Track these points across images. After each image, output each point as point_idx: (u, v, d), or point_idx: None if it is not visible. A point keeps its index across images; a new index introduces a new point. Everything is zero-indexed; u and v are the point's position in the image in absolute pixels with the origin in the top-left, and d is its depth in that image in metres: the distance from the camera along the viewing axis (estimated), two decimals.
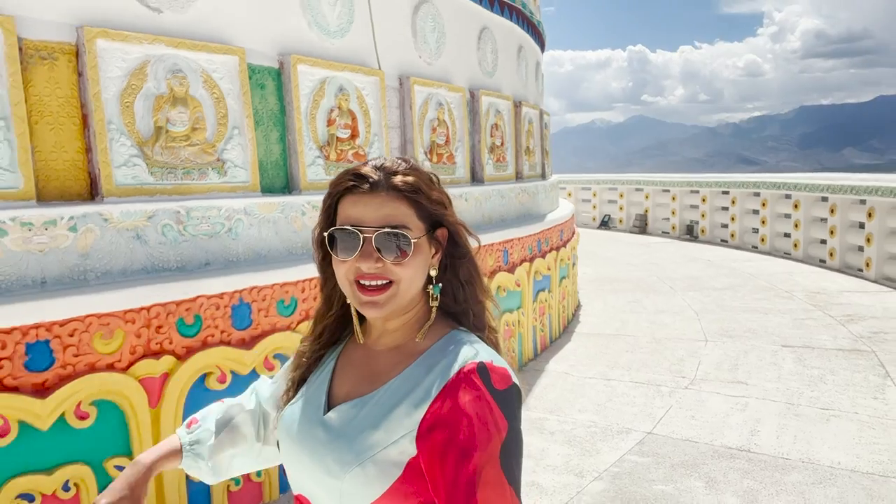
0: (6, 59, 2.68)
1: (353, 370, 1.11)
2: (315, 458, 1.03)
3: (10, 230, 2.60)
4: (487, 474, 0.90)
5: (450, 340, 1.05)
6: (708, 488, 3.34)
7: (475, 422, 0.93)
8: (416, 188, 1.03)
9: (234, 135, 3.44)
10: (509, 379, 0.99)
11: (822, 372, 5.18)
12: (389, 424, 0.98)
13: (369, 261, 1.00)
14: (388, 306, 1.02)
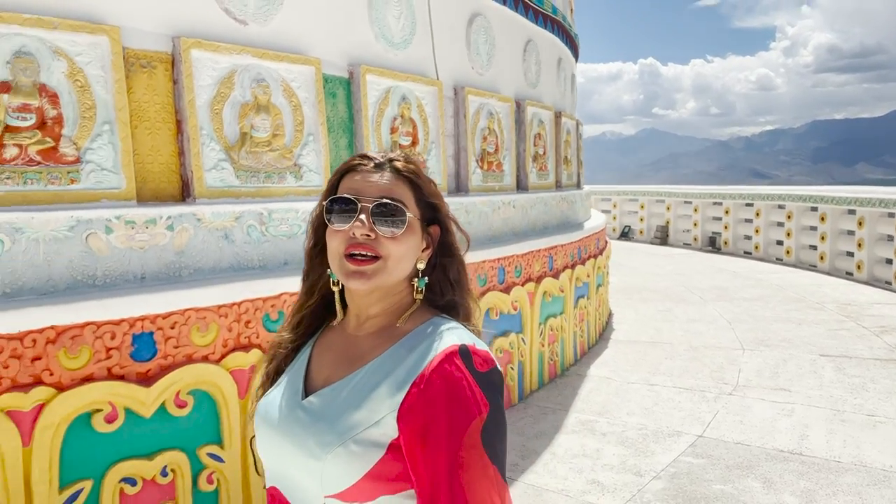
0: (112, 67, 2.85)
1: (332, 356, 1.11)
2: (295, 441, 1.02)
3: (115, 228, 2.76)
4: (469, 455, 0.91)
5: (431, 324, 1.06)
6: (766, 488, 3.43)
7: (456, 402, 0.93)
8: (416, 174, 1.09)
9: (310, 141, 3.60)
10: (491, 362, 1.00)
11: (863, 380, 5.24)
12: (371, 404, 0.98)
13: (363, 228, 1.02)
14: (374, 279, 1.03)
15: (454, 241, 1.13)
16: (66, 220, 2.63)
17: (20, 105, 2.60)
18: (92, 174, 2.79)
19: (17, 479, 2.36)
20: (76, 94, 2.76)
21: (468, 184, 4.76)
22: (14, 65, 2.60)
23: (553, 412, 4.62)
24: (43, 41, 2.67)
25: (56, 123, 2.70)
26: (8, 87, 2.58)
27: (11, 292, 2.50)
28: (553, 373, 5.40)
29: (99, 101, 2.82)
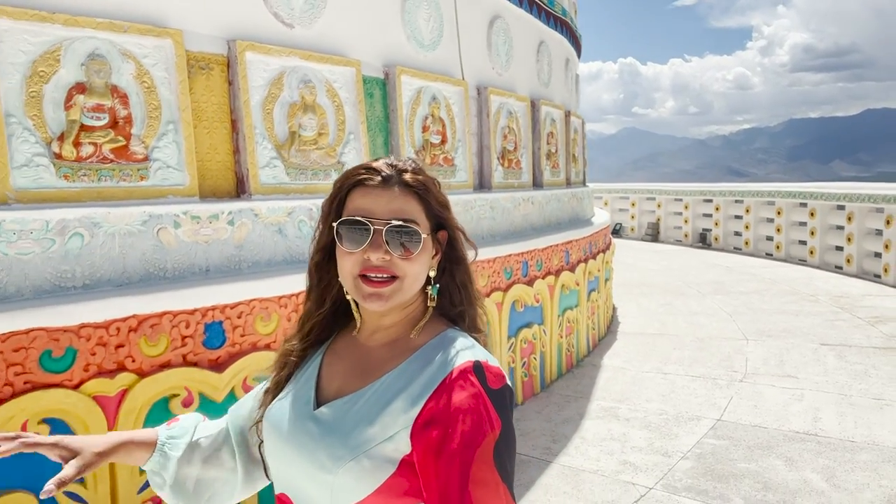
0: (176, 69, 2.98)
1: (343, 366, 1.10)
2: (305, 453, 1.01)
3: (182, 223, 2.89)
4: (481, 472, 0.90)
5: (445, 338, 1.05)
6: (788, 466, 3.64)
7: (470, 419, 0.93)
8: (425, 186, 1.06)
9: (350, 139, 3.74)
10: (503, 378, 1.00)
11: (865, 367, 5.49)
12: (385, 420, 0.98)
13: (378, 252, 1.00)
14: (392, 300, 1.02)
15: (462, 247, 1.12)
16: (139, 215, 2.76)
17: (94, 105, 2.72)
18: (159, 171, 2.92)
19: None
20: (143, 94, 2.88)
21: (491, 181, 4.93)
22: (88, 67, 2.71)
23: (575, 400, 4.80)
24: (113, 44, 2.79)
25: (126, 123, 2.82)
26: (83, 88, 2.70)
27: (91, 283, 2.62)
28: (570, 363, 5.58)
29: (164, 102, 2.94)
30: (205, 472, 1.24)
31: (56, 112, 2.64)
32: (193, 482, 1.22)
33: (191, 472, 1.22)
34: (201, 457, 1.23)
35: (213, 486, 1.25)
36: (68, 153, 2.65)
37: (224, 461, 1.25)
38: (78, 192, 2.68)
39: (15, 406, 2.28)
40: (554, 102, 6.24)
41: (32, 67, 2.59)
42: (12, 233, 2.42)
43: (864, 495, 3.29)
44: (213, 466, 1.24)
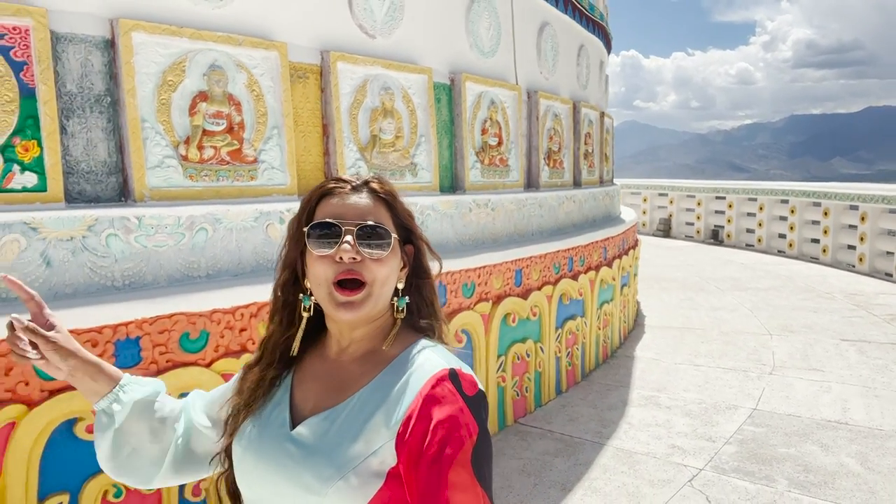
0: (281, 78, 3.25)
1: (316, 384, 1.09)
2: (289, 475, 1.00)
3: (286, 219, 3.17)
4: (460, 478, 0.92)
5: (417, 347, 1.06)
6: (824, 451, 3.93)
7: (448, 426, 0.94)
8: (392, 195, 1.10)
9: (422, 142, 4.01)
10: (476, 385, 1.01)
11: (886, 362, 5.78)
12: (368, 435, 0.98)
13: (349, 252, 1.01)
14: (363, 307, 1.02)
15: (426, 261, 1.14)
16: (252, 212, 3.04)
17: (215, 112, 3.00)
18: (265, 172, 3.20)
19: None
20: (253, 102, 3.15)
21: (539, 180, 5.20)
22: (209, 76, 2.99)
23: (616, 389, 5.10)
24: (230, 56, 3.06)
25: (240, 128, 3.10)
26: (205, 96, 2.98)
27: (213, 273, 2.91)
28: (605, 354, 5.88)
29: (269, 109, 3.22)
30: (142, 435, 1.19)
31: (182, 118, 2.92)
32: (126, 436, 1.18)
33: (131, 428, 1.18)
34: (148, 419, 1.19)
35: (140, 451, 1.20)
36: (193, 155, 2.93)
37: (162, 437, 1.21)
38: (200, 190, 2.96)
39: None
40: (590, 104, 6.51)
41: (162, 77, 2.86)
42: (151, 227, 2.71)
43: None
44: (152, 435, 1.20)
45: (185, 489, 2.68)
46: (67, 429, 2.38)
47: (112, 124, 2.76)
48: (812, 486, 3.50)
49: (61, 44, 2.60)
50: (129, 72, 2.73)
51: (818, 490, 3.47)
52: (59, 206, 2.53)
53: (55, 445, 2.34)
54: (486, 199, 4.41)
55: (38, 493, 2.30)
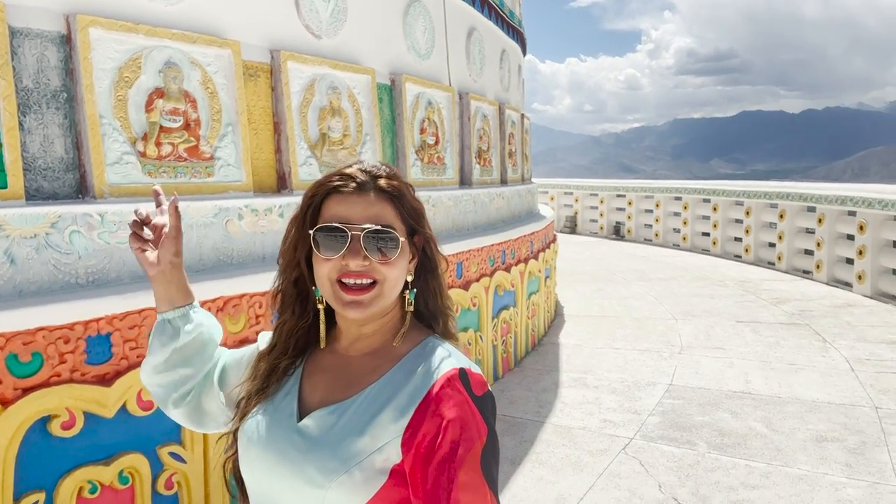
0: (234, 77, 3.29)
1: (325, 377, 1.09)
2: (293, 467, 1.00)
3: (244, 215, 3.22)
4: (468, 478, 0.91)
5: (427, 346, 1.06)
6: (734, 417, 4.42)
7: (458, 427, 0.93)
8: (400, 192, 1.06)
9: (367, 140, 4.14)
10: (486, 385, 1.01)
11: (776, 339, 6.48)
12: (374, 431, 0.98)
13: (357, 259, 0.99)
14: (371, 307, 1.02)
15: (435, 254, 1.12)
16: (211, 208, 3.07)
17: (171, 109, 3.01)
18: (222, 169, 3.23)
19: None
20: (208, 99, 3.18)
21: (471, 178, 5.45)
22: (166, 73, 2.99)
23: (547, 373, 5.43)
24: (184, 53, 3.08)
25: (196, 125, 3.12)
26: (162, 93, 2.98)
27: None
28: (534, 342, 6.22)
29: (224, 106, 3.25)
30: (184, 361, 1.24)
31: (138, 114, 2.91)
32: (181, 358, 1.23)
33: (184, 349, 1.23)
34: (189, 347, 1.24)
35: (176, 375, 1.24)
36: (151, 152, 2.93)
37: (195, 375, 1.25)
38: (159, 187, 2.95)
39: (132, 377, 2.57)
40: (513, 105, 6.84)
41: (119, 73, 2.84)
42: (113, 224, 2.70)
43: (797, 436, 4.10)
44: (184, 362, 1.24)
45: (157, 483, 2.69)
46: (42, 427, 2.35)
47: (69, 120, 2.72)
48: (727, 448, 3.95)
49: (17, 39, 2.54)
50: (87, 68, 2.70)
51: (733, 450, 3.91)
52: (20, 204, 2.48)
53: (30, 444, 2.31)
54: (427, 195, 4.59)
55: (13, 492, 2.26)
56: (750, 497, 3.36)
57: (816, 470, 3.64)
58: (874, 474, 3.58)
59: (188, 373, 1.24)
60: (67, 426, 2.40)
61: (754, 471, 3.64)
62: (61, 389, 2.37)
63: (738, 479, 3.55)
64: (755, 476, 3.58)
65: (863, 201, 9.00)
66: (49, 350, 2.34)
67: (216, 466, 2.89)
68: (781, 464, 3.72)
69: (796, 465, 3.70)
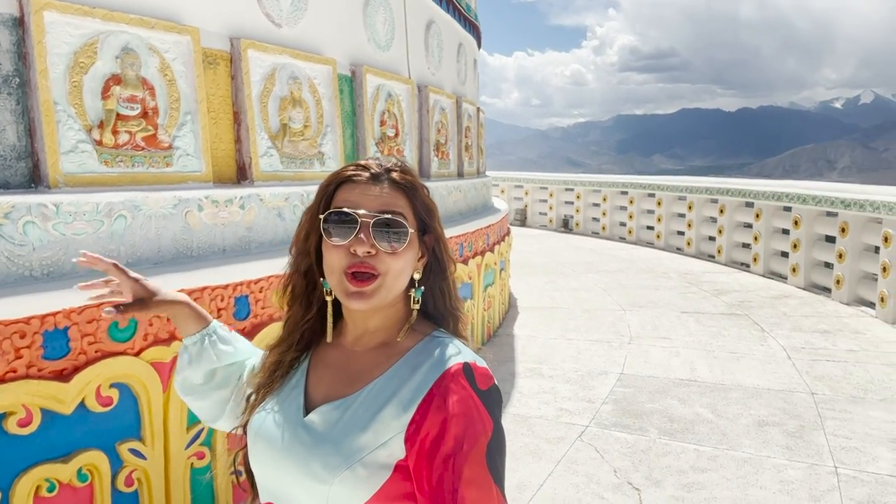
0: (194, 63, 3.21)
1: (330, 371, 1.09)
2: (299, 462, 1.00)
3: (205, 206, 3.16)
4: (474, 474, 0.91)
5: (432, 340, 1.05)
6: (682, 404, 4.61)
7: (463, 422, 0.93)
8: (413, 186, 1.06)
9: (328, 132, 4.11)
10: (491, 379, 1.01)
11: (718, 329, 6.77)
12: (378, 426, 0.97)
13: (364, 246, 0.99)
14: (374, 298, 1.01)
15: (445, 254, 1.11)
16: (171, 199, 3.00)
17: (129, 96, 2.92)
18: (181, 159, 3.16)
19: (158, 420, 2.75)
20: (166, 86, 3.10)
21: (430, 171, 5.47)
22: (123, 59, 2.90)
23: (503, 363, 5.53)
24: (142, 39, 2.99)
25: (154, 113, 3.04)
26: (119, 79, 2.89)
27: (133, 262, 2.85)
28: (489, 334, 6.31)
29: (182, 94, 3.18)
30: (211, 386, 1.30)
31: (94, 101, 2.81)
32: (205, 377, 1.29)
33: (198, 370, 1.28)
34: (220, 376, 1.29)
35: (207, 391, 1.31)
36: (108, 140, 2.84)
37: (226, 387, 1.30)
38: (115, 177, 2.87)
39: (90, 373, 2.50)
40: (469, 99, 6.89)
41: (74, 58, 2.74)
42: (69, 214, 2.61)
43: (741, 421, 4.31)
44: (220, 385, 1.30)
45: (117, 480, 2.63)
46: None
47: (21, 106, 2.61)
48: (677, 433, 4.12)
49: None
50: (41, 52, 2.60)
51: (682, 435, 4.08)
52: None
53: None
54: None
55: None
56: (699, 480, 3.52)
57: (760, 453, 3.84)
58: (812, 456, 3.80)
59: (224, 393, 1.31)
60: (24, 423, 2.32)
61: (702, 455, 3.82)
62: (17, 385, 2.29)
63: (687, 462, 3.72)
64: (703, 460, 3.75)
65: (798, 197, 9.45)
66: (4, 345, 2.26)
67: (177, 462, 2.85)
68: (727, 448, 3.91)
69: (741, 449, 3.90)
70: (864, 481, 3.51)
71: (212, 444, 2.99)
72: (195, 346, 1.29)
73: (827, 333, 6.61)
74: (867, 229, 7.96)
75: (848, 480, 3.52)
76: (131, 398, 2.68)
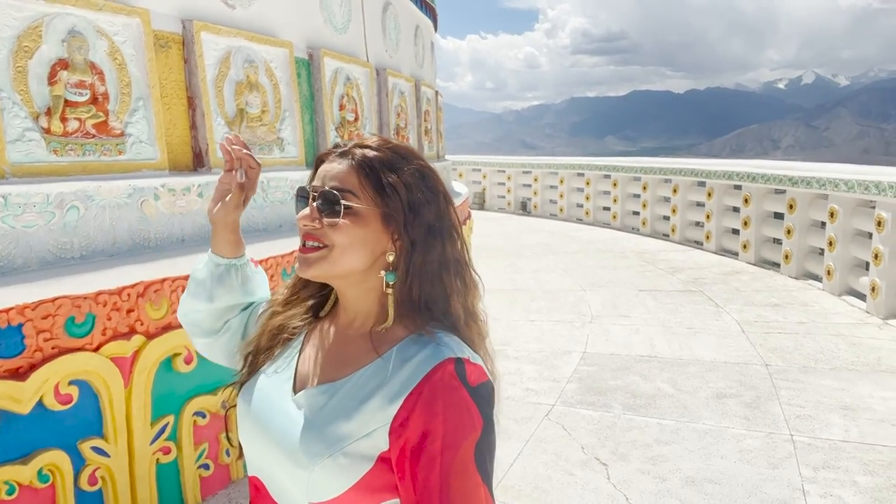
0: (144, 47, 3.10)
1: (321, 351, 1.08)
2: (282, 444, 1.00)
3: (161, 196, 3.06)
4: (461, 471, 0.89)
5: (424, 332, 1.01)
6: (644, 380, 4.72)
7: (452, 419, 0.91)
8: (371, 164, 1.01)
9: (286, 116, 4.03)
10: (484, 375, 0.99)
11: (675, 306, 6.94)
12: (362, 416, 0.96)
13: (306, 218, 1.01)
14: (316, 267, 1.01)
15: (439, 240, 1.04)
16: (125, 188, 2.90)
17: (77, 81, 2.80)
18: (134, 146, 3.05)
19: (120, 416, 2.68)
20: (116, 71, 2.98)
21: None
22: (70, 43, 2.78)
23: None
24: (89, 21, 2.86)
25: (104, 99, 2.92)
26: (66, 64, 2.77)
27: (87, 254, 2.75)
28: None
29: (133, 79, 3.06)
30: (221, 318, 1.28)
31: (40, 87, 2.69)
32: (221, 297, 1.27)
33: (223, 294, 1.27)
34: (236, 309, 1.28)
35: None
36: (56, 128, 2.72)
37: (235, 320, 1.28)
38: (65, 166, 2.76)
39: (48, 370, 2.41)
40: (427, 82, 6.84)
41: (17, 42, 2.62)
42: (17, 206, 2.50)
43: (700, 394, 4.44)
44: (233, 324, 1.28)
45: (80, 479, 2.55)
46: None
47: None
48: (640, 408, 4.22)
49: None
50: None
51: (645, 410, 4.19)
52: None
53: None
54: None
55: None
56: (663, 452, 3.62)
57: (719, 424, 3.97)
58: (769, 425, 3.95)
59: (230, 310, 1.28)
60: None
61: (665, 428, 3.92)
62: None
63: (651, 436, 3.82)
64: (666, 433, 3.86)
65: (747, 175, 9.72)
66: None
67: (142, 458, 2.78)
68: (688, 420, 4.03)
69: (701, 421, 4.02)
70: (818, 447, 3.67)
71: (177, 439, 2.93)
72: (218, 269, 1.28)
73: (777, 307, 6.85)
74: (814, 205, 8.24)
75: (803, 447, 3.67)
76: (92, 395, 2.60)
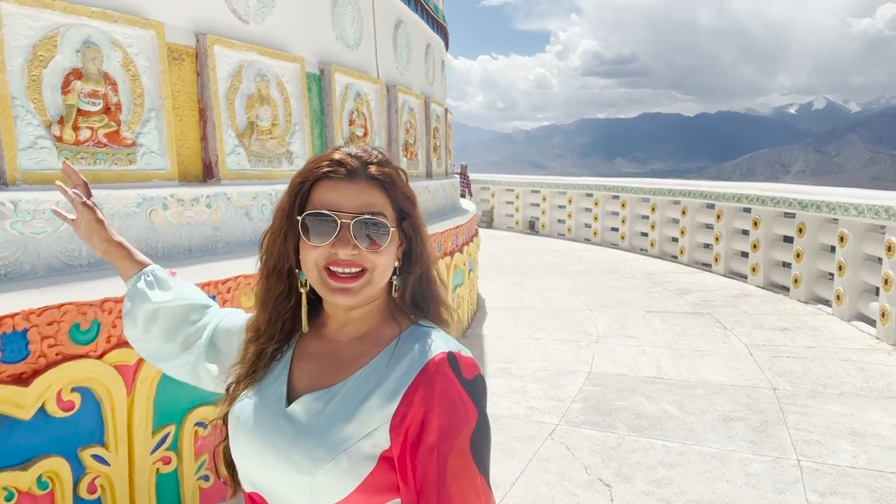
0: (158, 59, 3.14)
1: (313, 362, 1.08)
2: (280, 453, 0.99)
3: (170, 205, 3.08)
4: (458, 464, 0.91)
5: (416, 330, 1.04)
6: (649, 401, 4.67)
7: (447, 412, 0.93)
8: (391, 179, 1.04)
9: (296, 130, 4.06)
10: (476, 368, 1.00)
11: (683, 328, 6.89)
12: (362, 416, 0.97)
13: (346, 247, 0.98)
14: (360, 294, 1.01)
15: (425, 241, 1.10)
16: (134, 197, 2.92)
17: (90, 91, 2.83)
18: (144, 156, 3.07)
19: (122, 424, 2.67)
20: (129, 82, 3.02)
21: None
22: (84, 53, 2.82)
23: None
24: (104, 33, 2.91)
25: (117, 109, 2.95)
26: (80, 74, 2.80)
27: (95, 262, 2.76)
28: (458, 334, 6.28)
29: (146, 90, 3.10)
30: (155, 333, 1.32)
31: (54, 96, 2.72)
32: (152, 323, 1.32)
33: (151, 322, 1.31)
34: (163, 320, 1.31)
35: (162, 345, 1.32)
36: (68, 136, 2.75)
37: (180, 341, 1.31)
38: None
39: (51, 376, 2.42)
40: (436, 99, 6.88)
41: (33, 52, 2.65)
42: (27, 213, 2.52)
43: (706, 417, 4.39)
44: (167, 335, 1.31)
45: (79, 487, 2.54)
46: None
47: None
48: (645, 429, 4.17)
49: None
50: None
51: (650, 432, 4.14)
52: None
53: None
54: None
55: None
56: (668, 475, 3.57)
57: (725, 447, 3.92)
58: (776, 450, 3.89)
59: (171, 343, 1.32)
60: None
61: (670, 450, 3.87)
62: None
63: (656, 458, 3.77)
64: (671, 455, 3.81)
65: (757, 198, 9.69)
66: None
67: (142, 468, 2.77)
68: (694, 443, 3.98)
69: (707, 444, 3.97)
70: (825, 473, 3.61)
71: (178, 449, 2.92)
72: (132, 289, 1.33)
73: (786, 331, 6.79)
74: (824, 229, 8.20)
75: (810, 472, 3.61)
76: (94, 402, 2.60)
